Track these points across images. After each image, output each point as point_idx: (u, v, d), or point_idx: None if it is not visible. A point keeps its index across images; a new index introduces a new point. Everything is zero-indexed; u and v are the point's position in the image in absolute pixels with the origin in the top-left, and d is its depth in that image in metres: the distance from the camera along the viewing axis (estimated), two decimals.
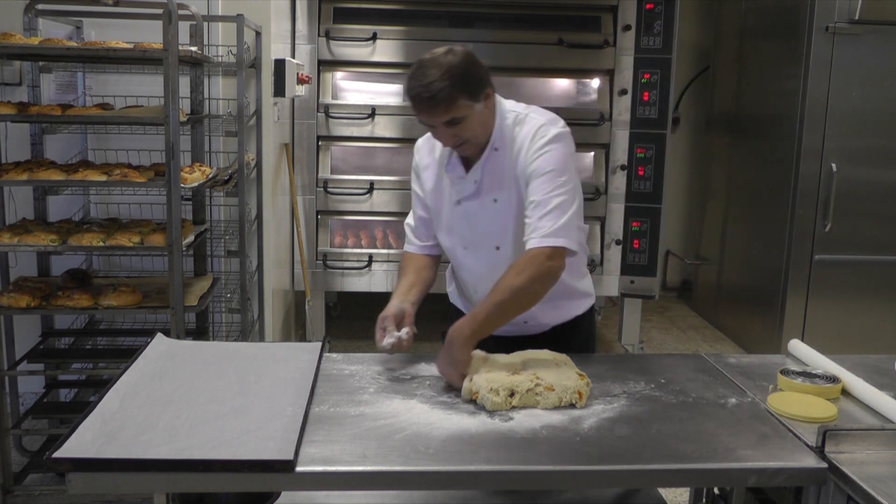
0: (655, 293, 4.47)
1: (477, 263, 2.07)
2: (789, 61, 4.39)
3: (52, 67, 3.26)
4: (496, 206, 2.00)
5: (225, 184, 3.08)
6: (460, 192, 2.03)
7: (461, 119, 1.87)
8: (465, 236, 2.06)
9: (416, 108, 1.88)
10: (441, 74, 1.83)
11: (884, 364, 2.00)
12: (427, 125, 1.92)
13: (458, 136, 1.91)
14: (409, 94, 1.88)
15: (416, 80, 1.85)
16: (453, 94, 1.83)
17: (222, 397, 1.66)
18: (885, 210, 4.31)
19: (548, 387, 1.69)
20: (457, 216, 2.05)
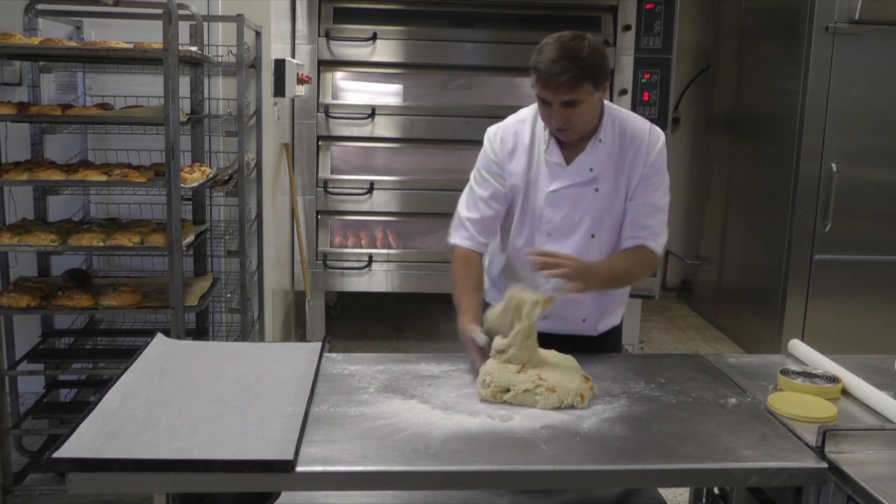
0: (655, 293, 4.47)
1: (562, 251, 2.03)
2: (789, 61, 4.39)
3: (52, 67, 3.26)
4: (597, 195, 2.05)
5: (225, 184, 3.08)
6: (563, 180, 2.03)
7: (578, 103, 1.92)
8: (555, 224, 2.06)
9: (542, 81, 1.89)
10: (575, 55, 1.87)
11: (884, 364, 2.00)
12: (542, 101, 1.94)
13: (568, 119, 1.94)
14: (538, 66, 1.89)
15: (548, 55, 1.88)
16: (582, 77, 1.88)
17: (222, 397, 1.66)
18: (885, 210, 4.31)
19: (549, 388, 1.69)
20: (549, 204, 2.05)
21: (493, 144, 2.11)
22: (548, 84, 1.89)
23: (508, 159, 2.08)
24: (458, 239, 2.13)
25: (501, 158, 2.09)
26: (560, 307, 2.06)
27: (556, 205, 2.05)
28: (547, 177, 2.05)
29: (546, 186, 2.05)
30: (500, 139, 2.10)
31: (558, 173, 2.04)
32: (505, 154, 2.09)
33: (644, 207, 2.08)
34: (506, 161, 2.09)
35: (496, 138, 2.11)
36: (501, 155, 2.09)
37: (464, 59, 4.27)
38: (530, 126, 2.09)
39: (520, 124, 2.11)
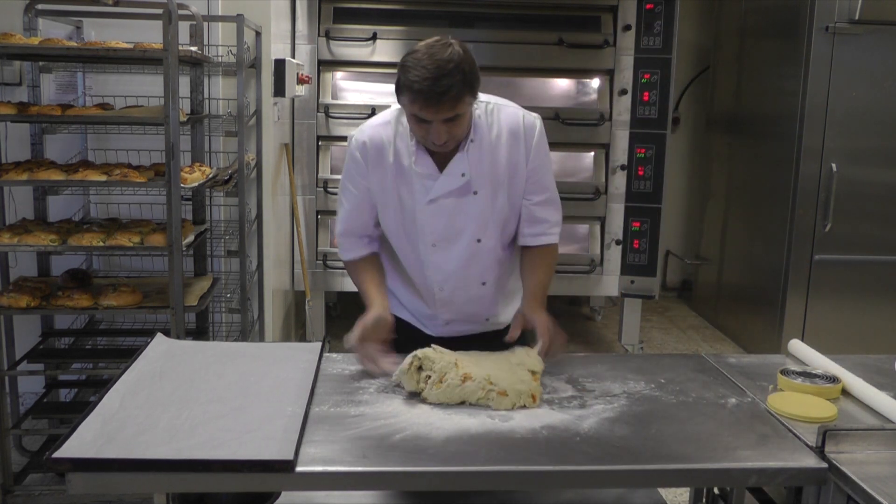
0: (655, 293, 4.47)
1: (450, 259, 2.02)
2: (789, 61, 4.39)
3: (52, 67, 3.26)
4: (476, 198, 1.97)
5: (225, 184, 3.08)
6: (438, 190, 1.95)
7: (460, 116, 1.82)
8: (437, 233, 2.00)
9: (422, 102, 1.76)
10: (451, 70, 1.74)
11: (884, 364, 2.00)
12: (419, 120, 1.82)
13: (450, 134, 1.84)
14: (415, 87, 1.75)
15: (423, 73, 1.74)
16: (463, 92, 1.77)
17: (222, 397, 1.66)
18: (885, 210, 4.31)
19: (500, 392, 1.67)
20: (428, 214, 1.98)
21: (357, 154, 2.00)
22: (429, 104, 1.75)
23: (374, 170, 1.99)
24: (346, 255, 2.10)
25: (367, 168, 1.99)
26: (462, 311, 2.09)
27: (435, 215, 1.97)
28: (421, 188, 1.95)
29: (422, 198, 1.96)
30: (363, 146, 1.99)
31: (431, 184, 1.94)
32: (370, 164, 1.99)
33: (539, 203, 2.03)
34: (372, 171, 1.99)
35: (359, 146, 2.00)
36: (366, 165, 1.99)
37: None
38: (393, 131, 1.98)
39: (384, 128, 1.99)
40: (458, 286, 2.06)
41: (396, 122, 1.98)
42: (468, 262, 2.03)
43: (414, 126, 1.87)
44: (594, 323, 5.44)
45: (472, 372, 1.70)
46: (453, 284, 2.05)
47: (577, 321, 5.49)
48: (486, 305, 2.12)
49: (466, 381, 1.68)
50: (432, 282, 2.07)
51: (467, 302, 2.09)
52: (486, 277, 2.08)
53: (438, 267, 2.04)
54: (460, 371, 1.70)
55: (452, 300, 2.08)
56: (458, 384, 1.68)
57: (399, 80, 1.80)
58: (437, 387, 1.68)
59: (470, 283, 2.07)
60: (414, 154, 1.94)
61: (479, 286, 2.08)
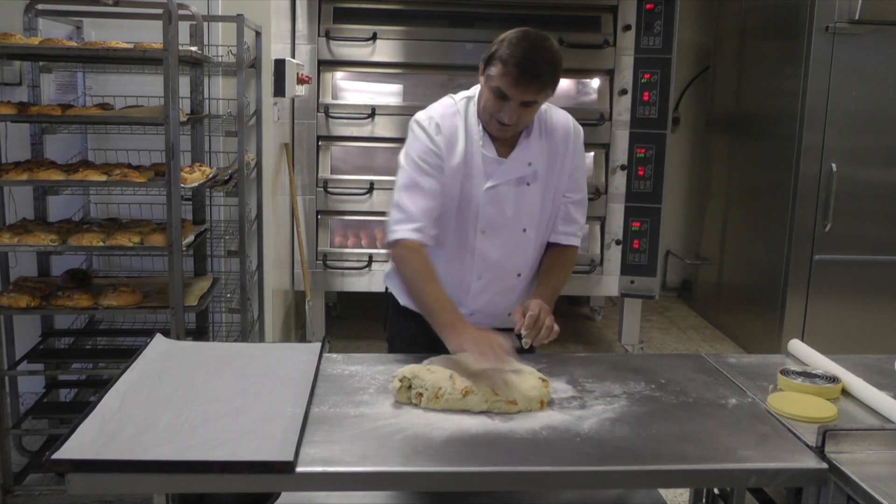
0: (655, 293, 4.47)
1: (495, 248, 2.05)
2: (789, 61, 4.39)
3: (52, 67, 3.26)
4: (528, 189, 2.04)
5: (225, 184, 3.08)
6: (502, 175, 2.00)
7: (535, 104, 1.93)
8: (489, 220, 2.03)
9: (514, 77, 1.84)
10: (550, 59, 1.87)
11: (884, 364, 2.00)
12: (499, 94, 1.88)
13: (521, 118, 1.93)
14: (512, 61, 1.83)
15: (524, 52, 1.84)
16: (550, 82, 1.89)
17: (222, 398, 1.66)
18: (885, 210, 4.31)
19: (510, 401, 1.66)
20: (485, 200, 2.02)
21: (431, 133, 1.98)
22: (519, 82, 1.84)
23: (449, 151, 1.98)
24: (405, 233, 1.93)
25: (442, 148, 1.98)
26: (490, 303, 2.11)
27: (492, 201, 2.02)
28: (483, 173, 1.99)
29: (481, 183, 2.00)
30: (437, 127, 1.99)
31: (494, 169, 2.00)
32: (445, 144, 1.98)
33: (577, 203, 2.14)
34: (446, 153, 1.98)
35: (432, 126, 1.99)
36: (442, 145, 1.98)
37: (464, 59, 4.26)
38: (463, 120, 2.01)
39: (453, 116, 2.01)
40: (496, 276, 2.09)
41: (465, 112, 2.03)
42: (512, 251, 2.07)
43: (490, 100, 1.92)
44: (594, 323, 5.44)
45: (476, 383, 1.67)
46: (493, 274, 2.08)
47: (577, 321, 5.49)
48: (512, 299, 2.13)
49: (468, 395, 1.66)
50: (473, 270, 2.08)
51: (499, 293, 2.11)
52: (523, 269, 2.12)
53: (484, 255, 2.07)
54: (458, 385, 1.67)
55: (486, 290, 2.10)
56: (459, 398, 1.66)
57: (493, 53, 1.89)
58: (434, 402, 1.66)
59: (507, 273, 2.10)
60: (481, 139, 2.01)
61: (514, 277, 2.12)
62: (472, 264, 2.07)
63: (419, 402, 1.67)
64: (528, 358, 1.92)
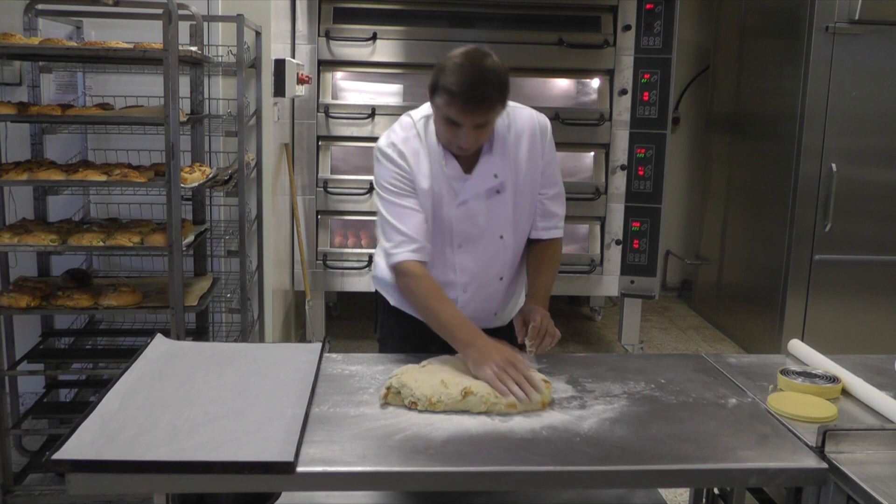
0: (655, 293, 4.47)
1: (475, 259, 2.07)
2: (789, 61, 4.39)
3: (52, 67, 3.26)
4: (501, 197, 2.04)
5: (225, 184, 3.08)
6: (469, 191, 2.00)
7: (489, 123, 1.91)
8: (464, 234, 2.04)
9: (460, 106, 1.82)
10: (492, 79, 1.83)
11: (884, 364, 2.00)
12: (451, 122, 1.86)
13: (478, 139, 1.91)
14: (454, 89, 1.81)
15: (464, 77, 1.80)
16: (498, 101, 1.86)
17: (222, 398, 1.66)
18: (885, 210, 4.31)
19: (510, 404, 1.65)
20: (458, 216, 2.03)
21: (395, 159, 1.99)
22: (466, 109, 1.82)
23: (416, 174, 1.99)
24: (407, 255, 1.95)
25: (411, 171, 1.99)
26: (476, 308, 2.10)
27: (465, 216, 2.02)
28: (450, 190, 2.00)
29: (452, 200, 2.00)
30: (401, 154, 1.99)
31: (460, 185, 2.00)
32: (412, 167, 1.99)
33: (553, 197, 2.14)
34: (415, 174, 1.99)
35: (395, 153, 1.99)
36: (409, 168, 1.99)
37: None
38: (424, 140, 2.00)
39: (414, 140, 2.00)
40: (480, 285, 2.10)
41: (424, 131, 2.01)
42: (491, 259, 2.08)
43: (443, 128, 1.92)
44: (594, 323, 5.44)
45: (474, 386, 1.68)
46: (476, 283, 2.09)
47: (577, 321, 5.49)
48: (497, 301, 2.15)
49: (468, 396, 1.66)
50: (456, 283, 2.09)
51: (484, 299, 2.12)
52: (504, 273, 2.12)
53: (464, 267, 2.08)
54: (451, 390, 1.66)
55: (472, 299, 2.11)
56: (459, 399, 1.66)
57: (436, 82, 1.86)
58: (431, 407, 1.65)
59: (490, 280, 2.11)
60: (443, 159, 1.99)
61: (497, 282, 2.13)
62: (455, 278, 2.08)
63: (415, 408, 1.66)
64: (528, 358, 1.92)
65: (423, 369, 1.77)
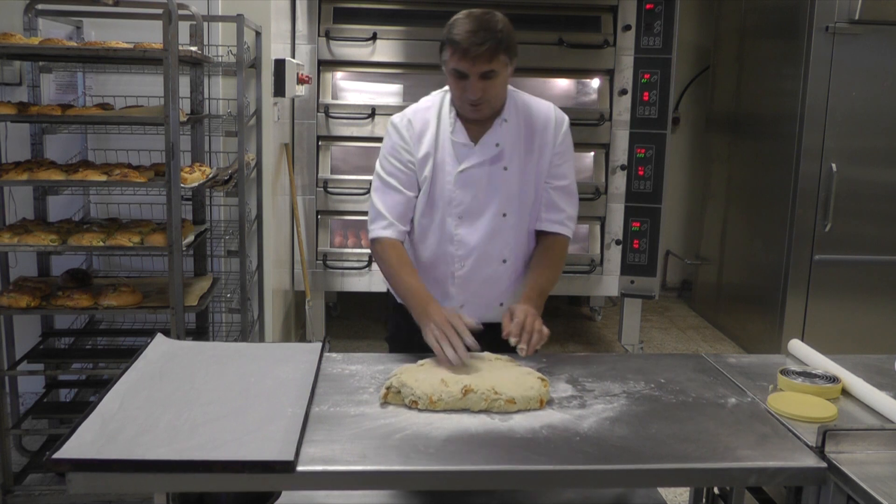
0: (655, 293, 4.48)
1: (474, 233, 2.08)
2: (789, 61, 4.39)
3: (52, 67, 3.26)
4: (505, 173, 2.07)
5: (225, 184, 3.08)
6: (472, 159, 2.05)
7: (495, 74, 1.95)
8: (465, 205, 2.08)
9: (461, 52, 1.90)
10: (491, 27, 1.92)
11: (884, 364, 2.00)
12: (458, 75, 1.95)
13: (485, 91, 1.95)
14: (455, 37, 1.91)
15: (463, 27, 1.92)
16: (499, 47, 1.92)
17: (223, 398, 1.66)
18: (885, 210, 4.31)
19: (509, 400, 1.65)
20: (459, 185, 2.06)
21: (401, 130, 2.10)
22: (467, 54, 1.90)
23: (417, 143, 2.09)
24: (379, 231, 2.10)
25: (411, 143, 2.09)
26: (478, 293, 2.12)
27: (465, 185, 2.07)
28: (454, 158, 2.06)
29: (453, 168, 2.06)
30: (409, 123, 2.10)
31: (465, 153, 2.06)
32: (414, 138, 2.09)
33: (560, 191, 2.15)
34: (415, 145, 2.09)
35: (403, 123, 2.11)
36: (411, 140, 2.09)
37: None
38: (437, 112, 2.10)
39: (426, 111, 2.12)
40: (478, 262, 2.11)
41: (440, 104, 2.11)
42: (492, 236, 2.09)
43: (453, 84, 2.00)
44: (594, 323, 5.44)
45: (474, 383, 1.68)
46: (475, 260, 2.10)
47: (577, 321, 5.49)
48: (501, 288, 2.15)
49: (468, 394, 1.66)
50: (454, 257, 2.11)
51: (485, 281, 2.12)
52: (507, 255, 2.13)
53: (463, 240, 2.10)
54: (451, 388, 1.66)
55: (471, 278, 2.12)
56: (459, 397, 1.66)
57: (443, 38, 1.98)
58: (432, 406, 1.65)
59: (491, 259, 2.12)
60: (452, 126, 2.06)
61: (499, 263, 2.13)
62: (453, 251, 2.11)
63: (415, 407, 1.67)
64: (528, 358, 1.92)
65: (422, 368, 1.77)
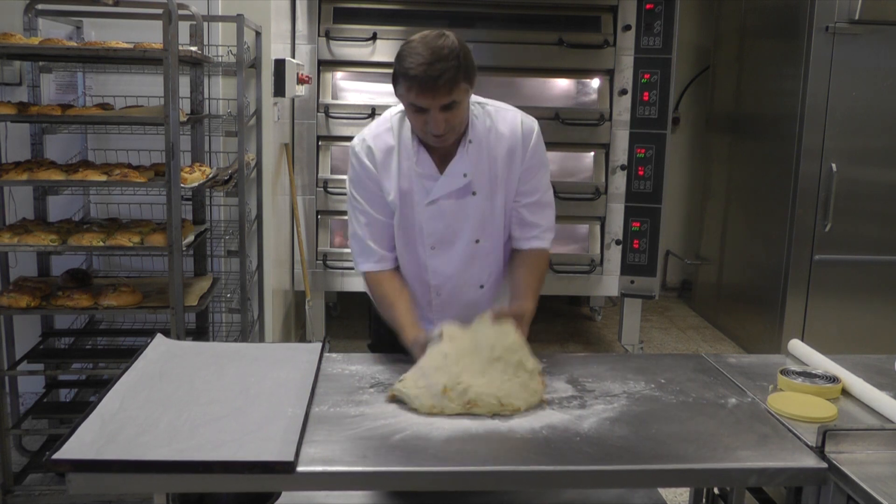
0: (655, 293, 4.47)
1: (448, 262, 2.04)
2: (789, 61, 4.39)
3: (52, 67, 3.26)
4: (475, 199, 1.99)
5: (225, 184, 3.08)
6: (439, 190, 1.96)
7: (457, 104, 1.83)
8: (436, 235, 2.01)
9: (418, 88, 1.77)
10: (447, 55, 1.77)
11: (884, 364, 2.00)
12: (416, 109, 1.83)
13: (448, 123, 1.84)
14: (410, 73, 1.77)
15: (418, 59, 1.77)
16: (458, 77, 1.79)
17: (222, 398, 1.66)
18: (885, 210, 4.31)
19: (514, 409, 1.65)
20: (428, 216, 1.99)
21: (363, 158, 1.99)
22: (425, 89, 1.77)
23: (383, 171, 1.99)
24: (367, 266, 2.06)
25: (375, 172, 1.99)
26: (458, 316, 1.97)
27: (435, 217, 1.99)
28: (422, 189, 1.97)
29: (422, 199, 1.98)
30: (369, 150, 1.99)
31: (431, 185, 1.96)
32: (379, 165, 1.99)
33: (531, 206, 2.04)
34: (381, 173, 1.99)
35: (364, 150, 2.00)
36: (375, 169, 1.99)
37: None
38: (397, 136, 1.99)
39: (386, 134, 2.00)
40: (456, 289, 2.07)
41: (399, 127, 1.99)
42: (467, 264, 2.04)
43: (412, 117, 1.88)
44: (594, 323, 5.44)
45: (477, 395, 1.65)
46: (451, 287, 2.06)
47: (577, 321, 5.49)
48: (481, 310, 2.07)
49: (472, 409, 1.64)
50: (430, 286, 2.08)
51: (465, 307, 2.07)
52: (484, 280, 2.09)
53: (437, 270, 2.05)
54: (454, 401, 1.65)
55: (450, 304, 2.08)
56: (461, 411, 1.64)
57: (395, 71, 1.83)
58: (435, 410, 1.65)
59: (468, 286, 2.08)
60: (415, 155, 1.96)
61: (476, 289, 2.09)
62: (428, 279, 2.07)
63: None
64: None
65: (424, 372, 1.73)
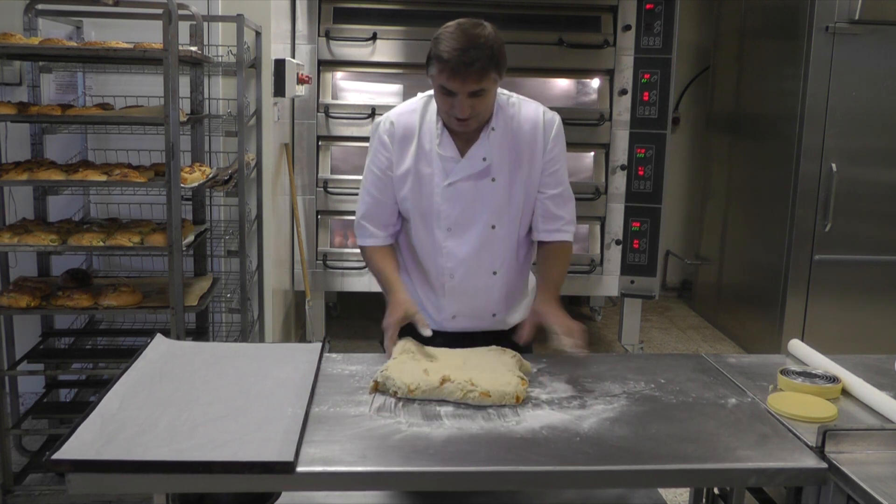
0: (655, 293, 4.47)
1: (463, 245, 2.06)
2: (789, 61, 4.39)
3: (52, 67, 3.26)
4: (494, 185, 2.03)
5: (225, 184, 3.08)
6: (459, 173, 2.01)
7: (485, 92, 1.89)
8: (453, 218, 2.04)
9: (449, 71, 1.84)
10: (481, 44, 1.85)
11: (884, 364, 2.00)
12: (445, 92, 1.89)
13: (474, 109, 1.90)
14: (443, 56, 1.84)
15: (453, 44, 1.84)
16: (489, 67, 1.86)
17: (222, 398, 1.66)
18: (885, 210, 4.31)
19: (483, 393, 1.67)
20: (446, 198, 2.03)
21: (384, 135, 2.06)
22: (456, 74, 1.84)
23: (400, 151, 2.05)
24: (364, 241, 2.15)
25: (393, 149, 2.05)
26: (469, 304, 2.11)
27: (452, 199, 2.03)
28: (441, 171, 2.02)
29: (441, 181, 2.02)
30: (391, 126, 2.05)
31: (452, 167, 2.01)
32: (397, 144, 2.05)
33: (556, 198, 2.09)
34: (397, 152, 2.05)
35: (386, 125, 2.06)
36: (393, 146, 2.05)
37: None
38: (419, 117, 2.05)
39: (411, 114, 2.06)
40: (469, 273, 2.08)
41: (424, 110, 2.05)
42: (481, 248, 2.06)
43: (440, 99, 1.94)
44: (594, 323, 5.44)
45: (452, 374, 1.72)
46: (465, 271, 2.08)
47: (577, 321, 5.48)
48: (494, 299, 2.13)
49: (445, 383, 1.69)
50: (444, 268, 2.09)
51: (476, 293, 2.10)
52: (498, 266, 2.10)
53: (451, 253, 2.07)
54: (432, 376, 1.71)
55: (462, 289, 2.10)
56: (437, 386, 1.69)
57: (430, 52, 1.90)
58: (411, 393, 1.70)
59: (481, 270, 2.09)
60: (438, 137, 2.01)
61: (489, 275, 2.10)
62: (442, 262, 2.09)
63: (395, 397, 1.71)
64: (527, 358, 1.92)
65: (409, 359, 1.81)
